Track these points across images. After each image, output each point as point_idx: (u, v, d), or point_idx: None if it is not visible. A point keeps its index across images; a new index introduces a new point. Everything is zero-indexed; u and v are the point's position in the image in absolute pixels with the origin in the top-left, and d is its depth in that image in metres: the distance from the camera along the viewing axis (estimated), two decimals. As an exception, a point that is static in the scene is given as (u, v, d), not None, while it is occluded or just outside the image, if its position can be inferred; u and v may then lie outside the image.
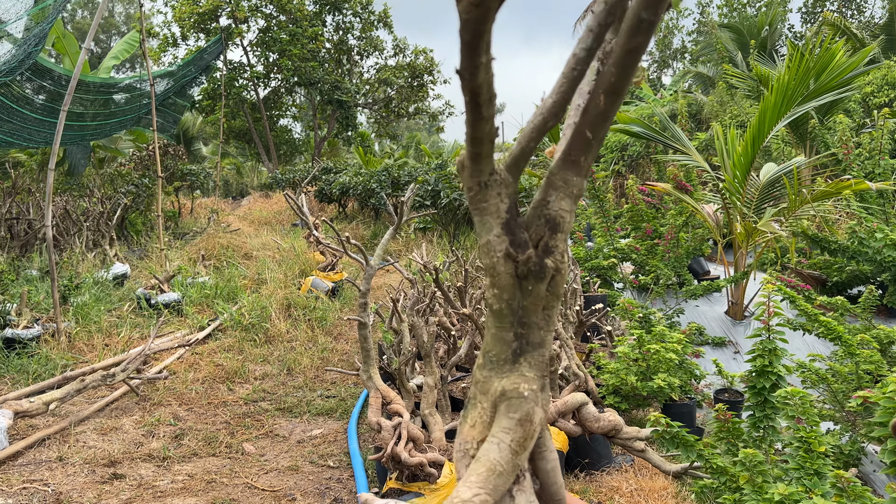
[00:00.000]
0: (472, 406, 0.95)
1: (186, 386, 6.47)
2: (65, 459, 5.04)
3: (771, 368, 3.73)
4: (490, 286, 0.87)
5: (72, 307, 8.05)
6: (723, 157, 6.90)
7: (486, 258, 0.86)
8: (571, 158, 0.82)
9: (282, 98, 26.33)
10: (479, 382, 0.95)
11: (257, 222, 15.68)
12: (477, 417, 0.94)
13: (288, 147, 26.32)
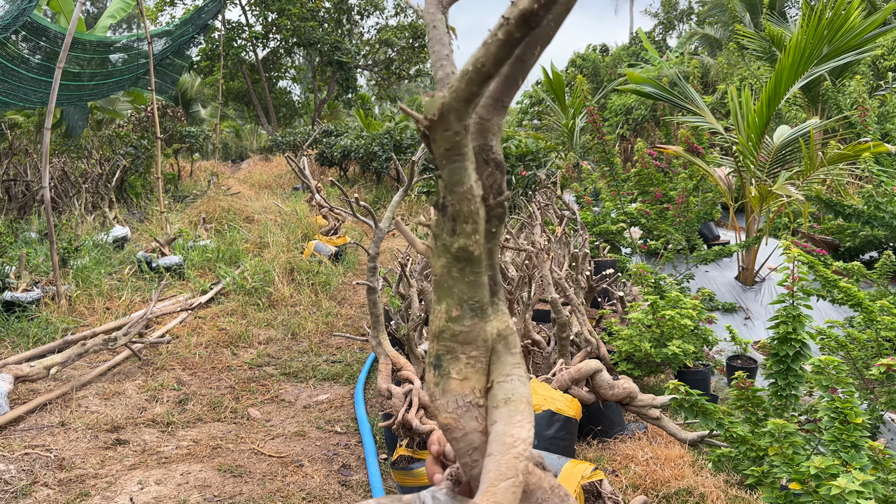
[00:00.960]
0: (452, 360, 0.93)
1: (190, 350, 6.38)
2: (67, 425, 4.96)
3: (795, 336, 3.62)
4: (470, 233, 0.87)
5: (71, 270, 7.93)
6: (736, 118, 6.72)
7: (465, 205, 0.86)
8: (503, 104, 0.86)
9: (281, 59, 25.88)
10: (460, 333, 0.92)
11: (257, 185, 15.48)
12: (464, 368, 0.93)
13: (287, 109, 25.95)
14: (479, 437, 0.97)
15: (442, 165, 0.85)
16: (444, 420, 0.96)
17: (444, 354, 0.93)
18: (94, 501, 4.01)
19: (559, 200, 7.00)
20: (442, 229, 0.91)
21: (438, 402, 0.94)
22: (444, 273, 0.92)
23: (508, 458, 1.00)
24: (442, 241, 0.92)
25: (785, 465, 2.64)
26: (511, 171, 8.93)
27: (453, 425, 0.97)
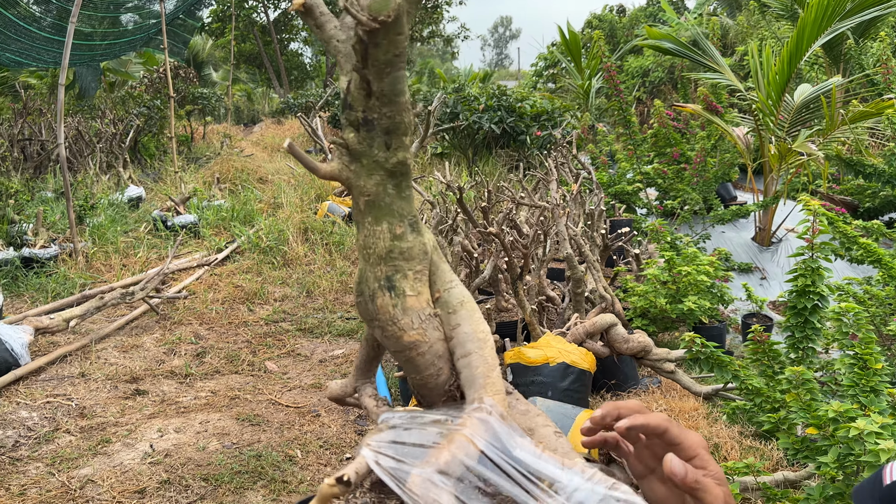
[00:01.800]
0: (403, 279, 0.94)
1: (206, 306, 6.43)
2: (87, 375, 5.04)
3: (813, 288, 3.60)
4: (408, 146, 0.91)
5: (88, 228, 7.98)
6: (757, 76, 6.60)
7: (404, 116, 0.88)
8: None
9: (292, 21, 25.62)
10: (407, 251, 0.94)
11: (270, 148, 15.45)
12: (415, 284, 0.95)
13: (299, 72, 25.75)
14: (442, 345, 0.97)
15: (383, 75, 0.82)
16: (412, 337, 0.95)
17: (395, 275, 0.92)
18: (115, 448, 4.09)
19: (574, 160, 6.94)
20: (371, 145, 0.88)
21: (402, 321, 0.93)
22: (379, 191, 0.91)
23: (489, 351, 1.00)
24: (372, 157, 0.89)
25: (802, 411, 2.64)
26: (525, 130, 8.87)
27: (421, 340, 0.96)
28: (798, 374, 2.76)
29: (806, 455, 2.63)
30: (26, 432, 4.21)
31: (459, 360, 1.02)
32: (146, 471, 3.84)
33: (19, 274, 6.80)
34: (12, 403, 4.55)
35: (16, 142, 10.36)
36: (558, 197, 4.76)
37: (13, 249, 7.05)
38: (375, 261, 0.92)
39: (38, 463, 3.89)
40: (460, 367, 1.02)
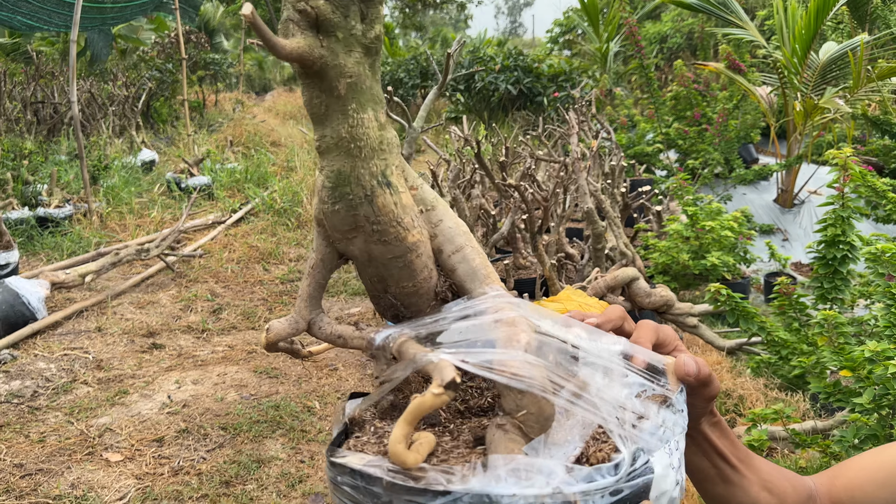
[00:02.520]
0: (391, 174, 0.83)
1: (221, 265, 6.40)
2: (103, 330, 5.03)
3: (843, 238, 3.50)
4: (382, 18, 0.83)
5: (102, 188, 7.95)
6: (781, 32, 6.43)
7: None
8: None
9: (304, -12, 25.22)
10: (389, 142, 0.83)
11: (282, 115, 15.35)
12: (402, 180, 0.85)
13: (312, 39, 25.42)
14: (428, 245, 0.87)
15: None
16: (415, 237, 0.82)
17: (386, 169, 0.80)
18: (132, 398, 4.08)
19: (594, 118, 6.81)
20: (346, 15, 0.74)
21: (405, 220, 0.82)
22: (360, 72, 0.77)
23: (476, 244, 0.92)
24: (349, 30, 0.75)
25: (835, 354, 2.57)
26: (543, 92, 8.72)
27: (420, 239, 0.84)
28: (830, 318, 2.69)
29: (839, 399, 2.56)
30: (44, 383, 4.21)
31: (452, 255, 0.91)
32: (164, 420, 3.83)
33: (34, 233, 6.79)
34: (30, 356, 4.55)
35: (29, 104, 10.32)
36: (579, 150, 4.66)
37: (28, 209, 7.04)
38: (369, 154, 0.79)
39: (57, 412, 3.89)
40: (455, 262, 0.91)
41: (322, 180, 0.80)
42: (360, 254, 0.84)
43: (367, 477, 0.61)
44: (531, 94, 8.87)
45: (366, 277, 0.88)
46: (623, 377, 0.75)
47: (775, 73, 6.64)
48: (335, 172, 0.79)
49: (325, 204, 0.81)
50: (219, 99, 17.23)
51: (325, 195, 0.80)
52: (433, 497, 0.56)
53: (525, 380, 0.66)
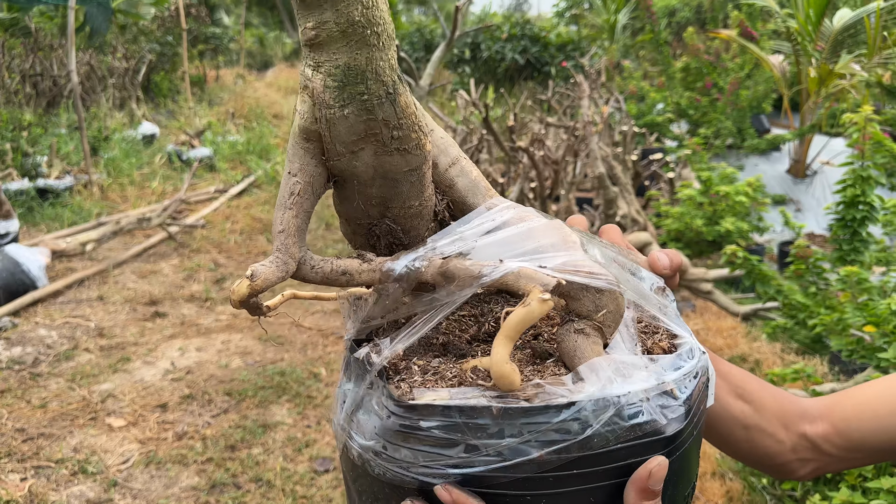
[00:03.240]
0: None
1: (224, 236, 6.31)
2: (105, 299, 4.95)
3: (863, 198, 3.40)
4: None
5: (102, 160, 7.84)
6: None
7: None
8: None
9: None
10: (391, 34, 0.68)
11: (284, 90, 15.19)
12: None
13: (313, 15, 25.16)
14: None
15: None
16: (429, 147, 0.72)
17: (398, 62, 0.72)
18: (135, 365, 4.01)
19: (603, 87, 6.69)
20: None
21: (423, 124, 0.70)
22: None
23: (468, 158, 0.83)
24: None
25: (858, 310, 2.48)
26: (550, 61, 8.56)
27: (431, 149, 0.75)
28: (853, 274, 2.60)
29: (863, 355, 2.48)
30: (46, 350, 4.13)
31: (449, 168, 0.79)
32: (167, 386, 3.76)
33: (35, 204, 6.69)
34: (31, 323, 4.47)
35: (28, 77, 10.18)
36: (590, 114, 4.54)
37: (28, 180, 6.94)
38: (387, 42, 0.65)
39: (59, 378, 3.82)
40: (453, 175, 0.78)
41: (322, 80, 0.64)
42: (365, 170, 0.70)
43: (468, 410, 0.54)
44: (539, 64, 8.71)
45: (362, 200, 0.72)
46: (632, 274, 0.75)
47: (788, 42, 6.49)
48: (342, 68, 0.65)
49: (328, 109, 0.66)
50: (220, 74, 17.06)
51: (330, 98, 0.65)
52: (556, 412, 0.53)
53: (603, 278, 0.62)
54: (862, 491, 2.21)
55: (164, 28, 13.76)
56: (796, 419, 0.98)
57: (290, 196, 0.69)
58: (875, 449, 0.97)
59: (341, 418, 0.65)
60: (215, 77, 16.21)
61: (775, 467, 1.00)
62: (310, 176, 0.70)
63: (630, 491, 0.61)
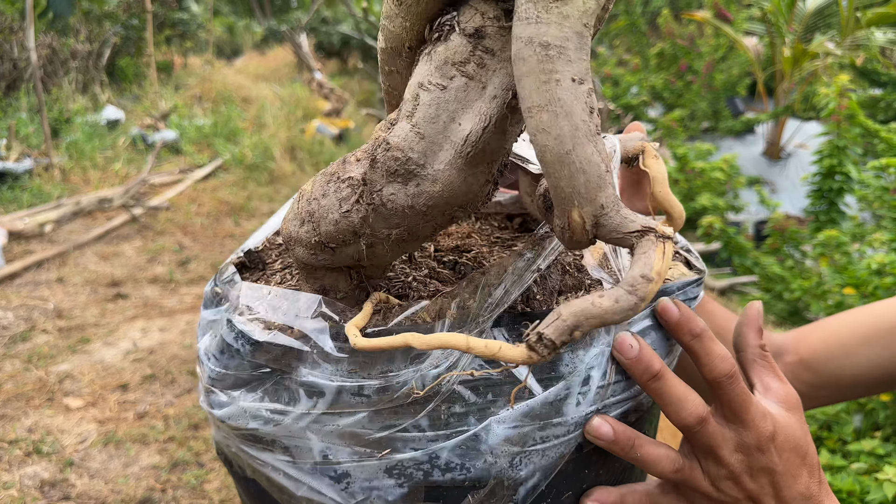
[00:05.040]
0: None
1: (190, 218, 6.14)
2: (65, 280, 4.77)
3: (840, 168, 3.37)
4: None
5: (64, 143, 7.60)
6: (770, -22, 6.27)
7: None
8: None
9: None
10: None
11: (254, 76, 14.93)
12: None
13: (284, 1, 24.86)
14: None
15: None
16: None
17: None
18: (94, 346, 3.86)
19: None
20: None
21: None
22: None
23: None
24: None
25: (837, 273, 2.44)
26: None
27: None
28: (832, 238, 2.56)
29: (844, 320, 2.44)
30: (1, 331, 3.96)
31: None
32: (129, 367, 3.61)
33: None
34: (-16, 304, 4.29)
35: (-14, 59, 9.84)
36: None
37: (-15, 162, 6.69)
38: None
39: (14, 360, 3.65)
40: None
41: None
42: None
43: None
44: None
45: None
46: None
47: (762, 23, 6.49)
48: None
49: None
50: (188, 62, 16.73)
51: None
52: None
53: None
54: (842, 454, 2.17)
55: (129, 11, 13.42)
56: (776, 357, 0.93)
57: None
58: (843, 384, 0.91)
59: None
60: (183, 64, 15.91)
61: None
62: None
63: (748, 332, 0.65)
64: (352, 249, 0.55)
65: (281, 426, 0.56)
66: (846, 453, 2.12)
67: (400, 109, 0.53)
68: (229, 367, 0.58)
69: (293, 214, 0.57)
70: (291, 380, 0.55)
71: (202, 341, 0.63)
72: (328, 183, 0.54)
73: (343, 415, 0.54)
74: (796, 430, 0.60)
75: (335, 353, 0.54)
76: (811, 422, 2.24)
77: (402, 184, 0.51)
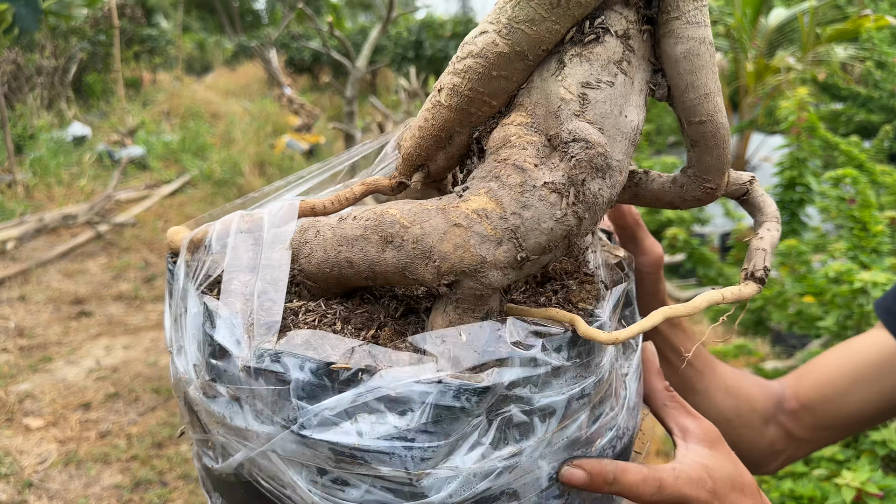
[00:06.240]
0: None
1: (156, 234, 6.06)
2: (27, 298, 4.67)
3: (800, 180, 3.44)
4: None
5: (28, 159, 7.47)
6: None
7: None
8: None
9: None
10: None
11: (223, 92, 14.86)
12: None
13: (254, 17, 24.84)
14: None
15: None
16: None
17: None
18: (57, 365, 3.78)
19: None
20: None
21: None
22: None
23: None
24: None
25: (797, 282, 2.48)
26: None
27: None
28: (792, 247, 2.60)
29: (802, 326, 2.48)
30: (-43, 351, 3.86)
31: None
32: (91, 385, 3.54)
33: (-48, 203, 6.32)
34: (-58, 324, 4.18)
35: (-53, 75, 9.66)
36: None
37: (-56, 179, 6.55)
38: None
39: (-29, 380, 3.56)
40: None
41: None
42: None
43: None
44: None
45: None
46: None
47: (726, 39, 6.62)
48: None
49: None
50: (157, 78, 16.60)
51: None
52: None
53: None
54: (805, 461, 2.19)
55: (97, 27, 13.29)
56: (774, 410, 0.97)
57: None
58: (841, 423, 0.96)
59: None
60: (152, 80, 15.77)
61: (752, 462, 0.98)
62: None
63: (651, 379, 0.65)
64: (548, 258, 0.55)
65: (518, 468, 0.51)
66: (808, 460, 2.14)
67: (529, 112, 0.55)
68: (451, 433, 0.49)
69: (479, 240, 0.51)
70: (515, 414, 0.51)
71: (371, 431, 0.49)
72: (522, 194, 0.52)
73: (568, 425, 0.54)
74: (726, 466, 0.60)
75: (567, 363, 0.52)
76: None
77: (602, 178, 0.54)
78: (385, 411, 0.48)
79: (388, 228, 0.52)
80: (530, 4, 0.52)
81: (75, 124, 9.47)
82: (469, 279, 0.52)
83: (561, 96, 0.54)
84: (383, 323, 0.56)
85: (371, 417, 0.48)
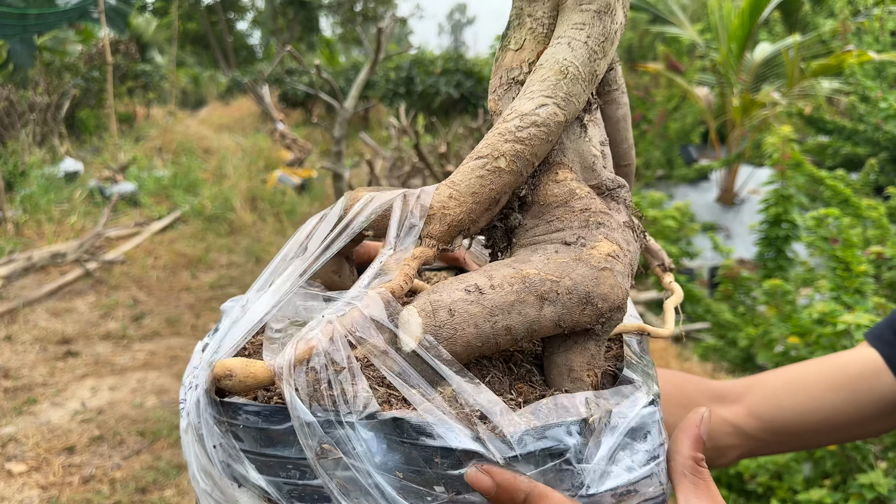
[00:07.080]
0: (518, 26, 0.70)
1: (146, 271, 6.04)
2: (13, 338, 4.63)
3: (786, 216, 3.46)
4: None
5: (18, 196, 7.47)
6: (717, 31, 6.50)
7: None
8: None
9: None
10: None
11: (217, 126, 14.94)
12: (526, 34, 0.70)
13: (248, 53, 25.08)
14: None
15: None
16: (490, 105, 0.75)
17: (514, 20, 0.72)
18: (42, 407, 3.74)
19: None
20: None
21: (492, 81, 0.75)
22: None
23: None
24: None
25: (782, 322, 2.48)
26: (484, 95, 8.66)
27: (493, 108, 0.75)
28: (777, 287, 2.60)
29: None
30: (-60, 394, 3.81)
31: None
32: (76, 428, 3.50)
33: (-59, 241, 6.30)
34: (-74, 366, 4.14)
35: (-60, 112, 9.70)
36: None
37: (-66, 216, 6.54)
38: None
39: (-47, 424, 3.51)
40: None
41: None
42: None
43: None
44: (473, 98, 8.79)
45: None
46: None
47: (713, 74, 6.71)
48: None
49: None
50: (150, 113, 16.69)
51: None
52: None
53: None
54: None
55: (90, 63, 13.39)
56: (715, 405, 0.96)
57: None
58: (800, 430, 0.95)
59: None
60: (145, 115, 15.86)
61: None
62: None
63: (683, 439, 0.59)
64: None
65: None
66: (796, 503, 2.12)
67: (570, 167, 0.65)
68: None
69: (622, 277, 0.59)
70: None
71: (634, 463, 0.52)
72: (624, 234, 0.61)
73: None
74: None
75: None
76: (762, 472, 2.24)
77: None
78: (632, 441, 0.53)
79: (540, 287, 0.55)
80: (578, 82, 0.62)
81: (67, 160, 9.48)
82: (619, 312, 0.59)
83: (593, 153, 0.65)
84: (512, 382, 0.59)
85: (625, 452, 0.52)
